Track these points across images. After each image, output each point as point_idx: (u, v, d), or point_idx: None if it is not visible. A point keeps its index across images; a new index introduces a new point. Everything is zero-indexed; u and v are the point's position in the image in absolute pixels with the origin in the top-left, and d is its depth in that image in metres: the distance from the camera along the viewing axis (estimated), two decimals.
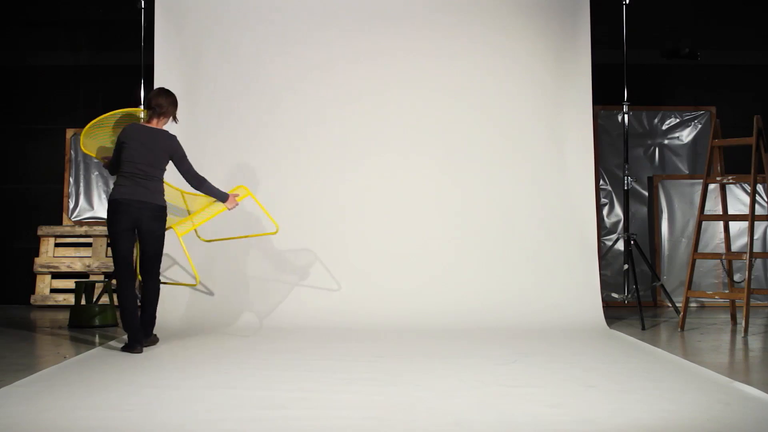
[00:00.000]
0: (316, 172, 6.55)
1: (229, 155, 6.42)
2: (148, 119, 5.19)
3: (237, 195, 5.40)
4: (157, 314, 5.23)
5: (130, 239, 5.01)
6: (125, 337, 5.21)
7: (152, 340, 5.20)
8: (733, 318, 6.38)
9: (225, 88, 6.58)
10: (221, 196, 5.31)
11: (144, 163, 5.00)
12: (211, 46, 6.59)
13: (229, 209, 5.40)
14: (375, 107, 6.59)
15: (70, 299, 7.28)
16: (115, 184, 5.07)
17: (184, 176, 5.21)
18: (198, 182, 5.22)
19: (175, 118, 5.28)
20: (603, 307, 6.37)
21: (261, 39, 6.61)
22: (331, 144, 6.57)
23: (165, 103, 5.15)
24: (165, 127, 5.20)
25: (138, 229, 5.00)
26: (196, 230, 5.73)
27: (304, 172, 6.54)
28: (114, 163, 5.13)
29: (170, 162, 5.15)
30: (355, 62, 6.62)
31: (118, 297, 5.01)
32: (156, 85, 6.50)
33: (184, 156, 5.16)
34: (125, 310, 4.96)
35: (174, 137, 5.16)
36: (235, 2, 6.65)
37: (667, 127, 7.98)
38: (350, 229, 6.49)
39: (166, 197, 5.19)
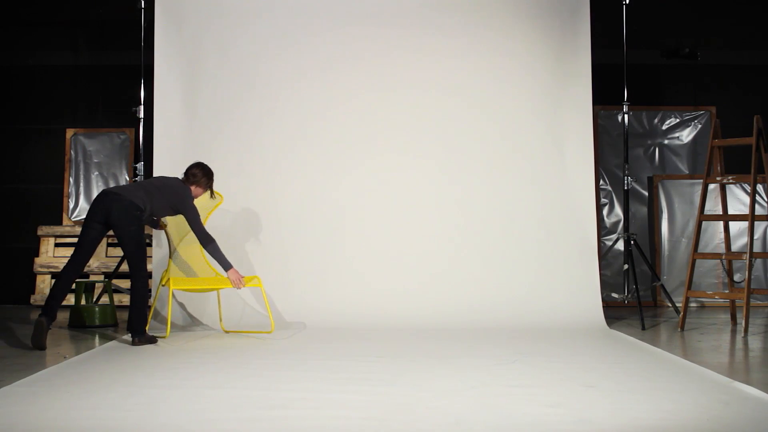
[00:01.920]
0: (316, 172, 6.55)
1: (229, 155, 6.42)
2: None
3: (242, 280, 5.46)
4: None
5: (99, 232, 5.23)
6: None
7: (147, 339, 5.24)
8: (733, 318, 6.38)
9: (225, 88, 6.58)
10: (224, 264, 5.42)
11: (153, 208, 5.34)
12: (211, 46, 6.59)
13: (234, 287, 5.47)
14: (375, 107, 6.59)
15: (70, 299, 7.28)
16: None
17: (193, 231, 5.43)
18: (206, 241, 5.38)
19: (212, 192, 5.65)
20: (603, 307, 6.37)
21: (261, 39, 6.61)
22: (331, 144, 6.58)
23: (199, 173, 5.51)
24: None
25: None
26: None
27: (304, 171, 6.54)
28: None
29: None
30: (355, 62, 6.62)
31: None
32: (156, 85, 6.50)
33: (192, 211, 5.40)
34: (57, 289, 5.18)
35: (187, 192, 5.44)
36: (234, 2, 6.64)
37: (667, 127, 7.98)
38: (350, 229, 6.49)
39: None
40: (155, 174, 6.22)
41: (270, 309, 5.51)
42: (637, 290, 6.35)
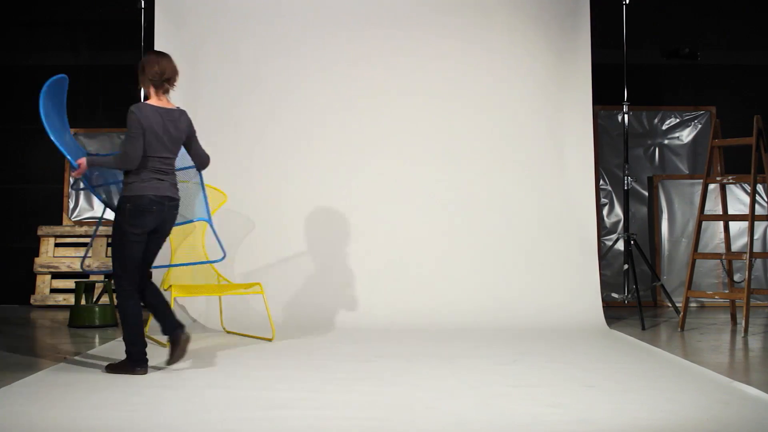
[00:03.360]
0: (315, 172, 6.54)
1: (228, 155, 6.41)
2: (156, 96, 4.45)
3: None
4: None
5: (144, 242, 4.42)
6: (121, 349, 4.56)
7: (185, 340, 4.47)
8: (733, 318, 6.38)
9: (225, 88, 6.58)
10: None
11: (167, 154, 4.39)
12: (211, 46, 6.59)
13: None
14: (375, 106, 6.58)
15: (70, 299, 7.28)
16: (133, 178, 4.35)
17: (194, 158, 4.61)
18: (207, 161, 4.62)
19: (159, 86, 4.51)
20: (603, 307, 6.37)
21: (261, 39, 6.61)
22: (331, 144, 6.57)
23: (172, 68, 4.50)
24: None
25: (160, 230, 4.47)
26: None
27: (304, 172, 6.54)
28: (135, 157, 4.30)
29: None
30: (355, 63, 6.61)
31: (127, 308, 4.33)
32: None
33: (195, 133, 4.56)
34: (136, 324, 4.34)
35: (185, 112, 4.54)
36: (235, 2, 6.64)
37: (667, 127, 7.98)
38: (350, 230, 6.49)
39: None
40: None
41: (271, 316, 5.49)
42: (637, 290, 6.35)
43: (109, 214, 4.91)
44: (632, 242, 6.52)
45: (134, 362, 4.30)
